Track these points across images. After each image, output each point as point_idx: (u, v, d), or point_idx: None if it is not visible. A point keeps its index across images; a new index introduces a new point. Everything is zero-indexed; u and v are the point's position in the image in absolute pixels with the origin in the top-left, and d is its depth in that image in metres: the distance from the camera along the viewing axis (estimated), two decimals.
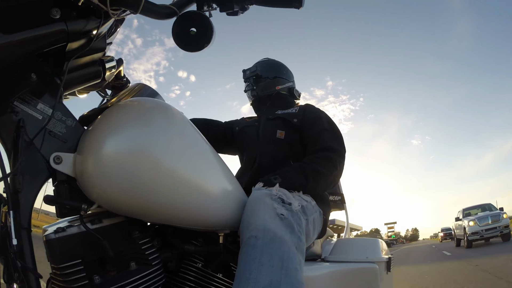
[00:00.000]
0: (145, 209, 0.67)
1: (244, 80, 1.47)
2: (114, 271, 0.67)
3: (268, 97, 1.41)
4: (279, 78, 1.44)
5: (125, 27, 0.90)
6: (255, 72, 1.42)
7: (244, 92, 1.50)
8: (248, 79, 1.44)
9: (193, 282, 0.81)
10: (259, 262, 0.69)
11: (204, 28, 0.78)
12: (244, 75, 1.46)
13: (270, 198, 0.83)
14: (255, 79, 1.42)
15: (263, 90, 1.42)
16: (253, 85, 1.43)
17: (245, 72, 1.46)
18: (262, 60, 1.49)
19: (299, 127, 1.25)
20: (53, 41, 0.61)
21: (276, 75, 1.44)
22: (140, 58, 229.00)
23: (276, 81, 1.43)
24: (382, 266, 1.31)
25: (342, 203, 1.87)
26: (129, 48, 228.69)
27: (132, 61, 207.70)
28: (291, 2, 0.80)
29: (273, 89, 1.41)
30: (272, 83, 1.42)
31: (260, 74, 1.42)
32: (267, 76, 1.43)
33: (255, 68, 1.43)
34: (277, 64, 1.49)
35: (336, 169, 1.12)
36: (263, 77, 1.42)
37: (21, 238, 0.58)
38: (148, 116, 0.69)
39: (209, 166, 0.76)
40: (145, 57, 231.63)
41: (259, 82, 1.42)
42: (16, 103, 0.63)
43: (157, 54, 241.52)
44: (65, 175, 0.65)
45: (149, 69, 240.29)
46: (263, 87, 1.42)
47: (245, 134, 1.36)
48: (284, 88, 1.44)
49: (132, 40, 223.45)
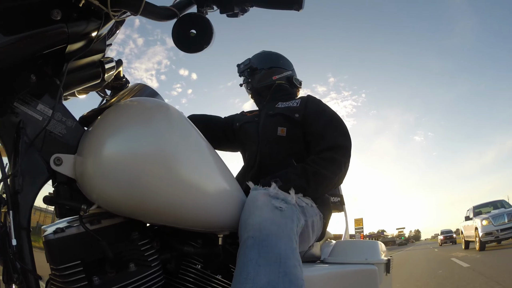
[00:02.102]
0: (144, 210, 0.67)
1: (239, 74, 1.43)
2: (113, 272, 0.67)
3: (267, 89, 1.37)
4: (275, 68, 1.39)
5: (127, 27, 0.90)
6: (248, 65, 1.38)
7: (240, 87, 1.46)
8: (242, 72, 1.41)
9: (192, 284, 0.81)
10: (256, 262, 0.69)
11: (204, 29, 0.78)
12: (238, 69, 1.43)
13: (267, 196, 0.83)
14: (250, 72, 1.39)
15: (259, 82, 1.38)
16: (248, 78, 1.39)
17: (239, 66, 1.42)
18: (256, 53, 1.46)
19: (301, 122, 1.21)
20: (53, 42, 0.62)
21: (272, 65, 1.39)
22: (141, 57, 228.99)
23: (272, 71, 1.38)
24: (381, 268, 1.31)
25: (342, 205, 1.87)
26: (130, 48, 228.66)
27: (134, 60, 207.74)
28: (291, 5, 0.80)
29: (270, 79, 1.37)
30: (268, 73, 1.38)
31: (255, 66, 1.38)
32: (262, 67, 1.38)
33: (248, 61, 1.40)
34: (272, 54, 1.45)
35: (340, 170, 1.10)
36: (258, 69, 1.38)
37: (20, 239, 0.58)
38: (147, 116, 0.69)
39: (209, 167, 0.76)
40: (147, 56, 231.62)
41: (254, 74, 1.38)
42: (16, 104, 0.63)
43: (158, 53, 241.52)
44: (65, 177, 0.65)
45: (150, 68, 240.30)
46: (259, 79, 1.38)
47: (245, 130, 1.32)
48: (282, 77, 1.39)
49: (134, 40, 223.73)
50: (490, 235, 9.31)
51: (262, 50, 1.47)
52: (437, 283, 4.85)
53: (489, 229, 9.32)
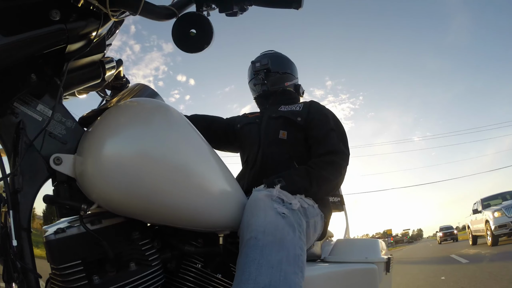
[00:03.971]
0: (145, 209, 0.67)
1: (253, 72, 1.37)
2: (114, 272, 0.67)
3: (274, 93, 1.36)
4: (288, 74, 1.39)
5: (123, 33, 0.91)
6: (267, 65, 1.33)
7: (249, 84, 1.43)
8: (258, 72, 1.35)
9: (192, 283, 0.81)
10: (258, 263, 0.69)
11: (203, 29, 0.78)
12: (253, 67, 1.37)
13: (270, 199, 0.82)
14: (266, 73, 1.34)
15: (273, 85, 1.35)
16: (264, 79, 1.33)
17: (255, 64, 1.36)
18: (270, 53, 1.42)
19: (303, 126, 1.22)
20: (52, 42, 0.62)
21: (286, 71, 1.39)
22: (138, 63, 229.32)
23: (286, 77, 1.38)
24: (381, 267, 1.31)
25: (342, 205, 1.87)
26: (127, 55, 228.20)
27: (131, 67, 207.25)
28: (290, 3, 0.80)
29: (282, 84, 1.37)
30: (282, 78, 1.37)
31: (272, 68, 1.34)
32: (277, 70, 1.36)
33: (266, 61, 1.34)
34: (286, 58, 1.44)
35: (340, 174, 1.12)
36: (273, 72, 1.35)
37: (21, 239, 0.58)
38: (147, 117, 0.69)
39: (209, 167, 0.76)
40: (144, 63, 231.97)
41: (269, 76, 1.35)
42: (16, 104, 0.63)
43: (155, 59, 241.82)
44: (65, 176, 0.65)
45: (148, 74, 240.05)
46: (273, 82, 1.35)
47: (246, 132, 1.33)
48: (291, 84, 1.40)
49: (130, 47, 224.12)
50: (504, 227, 8.48)
51: (273, 50, 1.44)
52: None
53: (502, 221, 8.51)
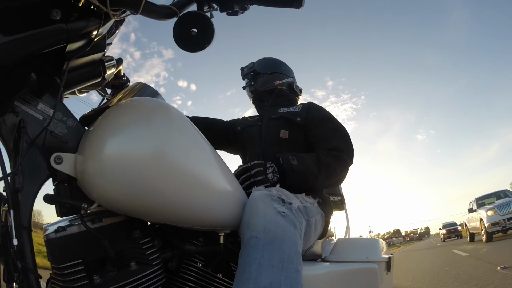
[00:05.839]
0: (145, 208, 0.67)
1: (242, 77, 1.48)
2: (114, 271, 0.67)
3: (268, 94, 1.41)
4: (277, 74, 1.44)
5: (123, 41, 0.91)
6: (252, 68, 1.43)
7: (243, 89, 1.51)
8: (246, 75, 1.45)
9: (193, 282, 0.81)
10: (259, 262, 0.69)
11: (204, 28, 0.78)
12: (242, 73, 1.47)
13: (270, 198, 0.82)
14: (253, 75, 1.43)
15: (262, 86, 1.42)
16: (251, 81, 1.43)
17: (243, 70, 1.47)
18: (260, 59, 1.50)
19: (303, 126, 1.25)
20: (53, 42, 0.62)
21: (274, 71, 1.45)
22: (139, 70, 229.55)
23: (275, 76, 1.43)
24: (382, 266, 1.31)
25: (342, 204, 1.88)
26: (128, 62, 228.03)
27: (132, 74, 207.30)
28: (291, 2, 0.80)
29: (271, 84, 1.42)
30: (270, 78, 1.43)
31: (258, 70, 1.43)
32: (265, 71, 1.43)
33: (252, 64, 1.44)
34: (275, 60, 1.50)
35: (345, 169, 1.14)
36: (261, 73, 1.43)
37: (21, 238, 0.58)
38: (148, 116, 0.69)
39: (210, 166, 0.76)
40: (145, 69, 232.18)
41: (257, 78, 1.43)
42: (17, 103, 0.63)
43: (156, 65, 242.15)
44: (65, 175, 0.65)
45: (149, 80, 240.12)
46: (261, 83, 1.42)
47: (247, 134, 1.36)
48: (284, 83, 1.44)
49: (131, 54, 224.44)
50: (497, 225, 9.09)
51: (265, 57, 1.52)
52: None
53: (495, 219, 9.10)
